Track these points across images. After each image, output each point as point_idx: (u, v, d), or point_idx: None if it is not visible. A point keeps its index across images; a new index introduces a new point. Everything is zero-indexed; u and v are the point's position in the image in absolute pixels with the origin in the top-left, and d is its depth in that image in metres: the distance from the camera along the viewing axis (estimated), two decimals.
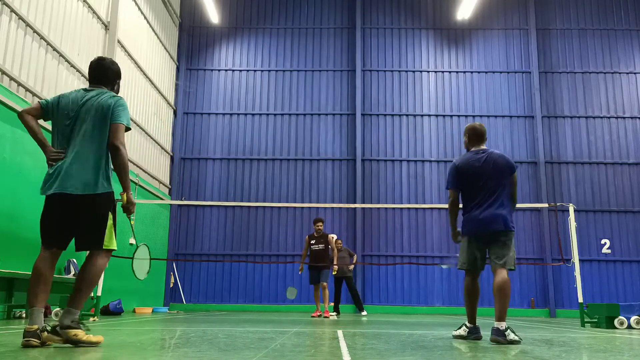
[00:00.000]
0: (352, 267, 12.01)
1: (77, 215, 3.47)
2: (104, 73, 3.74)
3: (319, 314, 10.32)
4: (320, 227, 10.56)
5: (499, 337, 4.11)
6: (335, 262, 10.88)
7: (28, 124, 3.57)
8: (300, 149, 16.94)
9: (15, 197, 8.52)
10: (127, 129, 3.57)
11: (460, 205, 4.82)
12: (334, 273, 11.86)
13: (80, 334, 3.34)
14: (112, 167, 3.59)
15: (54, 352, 3.06)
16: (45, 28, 9.65)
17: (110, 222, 3.53)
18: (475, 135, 4.81)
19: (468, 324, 4.67)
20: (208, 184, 16.68)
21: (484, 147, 4.80)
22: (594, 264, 15.94)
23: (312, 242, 10.50)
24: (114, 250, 3.61)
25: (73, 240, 3.56)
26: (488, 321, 9.38)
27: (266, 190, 16.60)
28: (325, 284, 10.26)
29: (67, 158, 3.48)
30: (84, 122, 3.52)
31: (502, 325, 4.16)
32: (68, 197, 3.44)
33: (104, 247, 3.52)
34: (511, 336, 4.12)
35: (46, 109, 3.63)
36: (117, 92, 3.84)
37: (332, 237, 11.65)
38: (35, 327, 3.27)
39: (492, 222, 4.47)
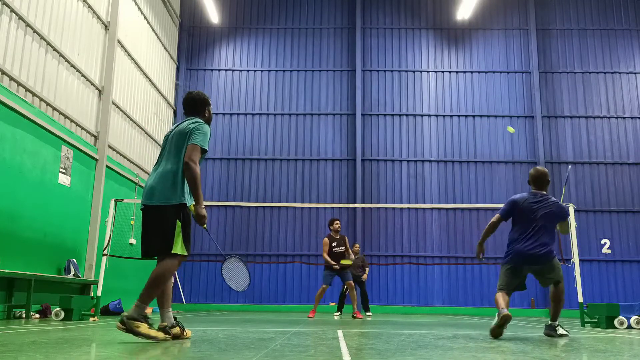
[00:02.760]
0: (365, 277, 12.33)
1: (154, 223, 3.97)
2: (192, 104, 4.29)
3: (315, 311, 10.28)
4: (338, 226, 10.21)
5: (551, 331, 5.10)
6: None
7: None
8: (300, 149, 16.94)
9: (15, 197, 8.53)
10: (204, 150, 4.01)
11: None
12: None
13: (143, 327, 3.71)
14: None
15: (52, 349, 3.07)
16: (45, 28, 9.65)
17: (178, 229, 3.93)
18: (535, 181, 5.34)
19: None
20: (208, 184, 16.67)
21: (543, 192, 5.28)
22: (594, 264, 15.94)
23: (334, 244, 10.11)
24: (185, 255, 3.97)
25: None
26: (488, 321, 9.38)
27: (266, 190, 16.60)
28: (350, 282, 10.05)
29: (153, 175, 4.04)
30: (169, 145, 4.10)
31: (555, 323, 5.15)
32: (149, 208, 3.98)
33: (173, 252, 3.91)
34: (560, 331, 5.10)
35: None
36: (209, 116, 4.37)
37: (355, 246, 12.43)
38: (165, 324, 3.96)
39: (537, 257, 5.05)
